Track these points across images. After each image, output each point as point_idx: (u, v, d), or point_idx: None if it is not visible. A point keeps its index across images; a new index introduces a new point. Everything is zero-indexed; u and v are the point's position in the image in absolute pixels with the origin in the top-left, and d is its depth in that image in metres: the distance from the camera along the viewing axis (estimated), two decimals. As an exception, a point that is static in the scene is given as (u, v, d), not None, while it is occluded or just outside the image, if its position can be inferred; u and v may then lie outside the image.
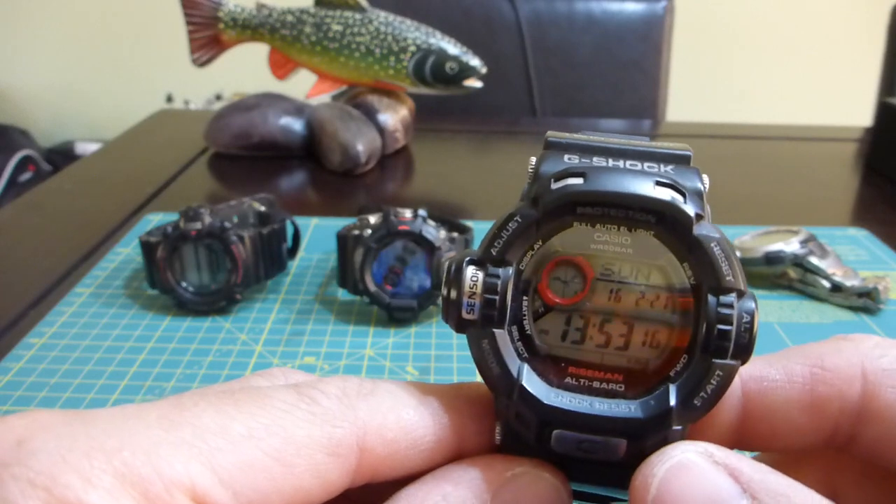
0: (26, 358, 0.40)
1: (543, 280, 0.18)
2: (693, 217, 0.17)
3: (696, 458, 0.15)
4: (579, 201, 0.17)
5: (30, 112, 2.10)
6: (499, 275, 0.17)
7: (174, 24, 0.85)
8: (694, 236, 0.17)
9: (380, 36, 0.71)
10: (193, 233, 0.42)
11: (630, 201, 0.17)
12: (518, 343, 0.18)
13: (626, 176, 0.17)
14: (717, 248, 0.17)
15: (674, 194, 0.17)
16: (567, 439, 0.17)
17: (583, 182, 0.17)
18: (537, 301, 0.18)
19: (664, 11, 1.14)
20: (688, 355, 0.17)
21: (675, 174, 0.17)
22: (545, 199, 0.17)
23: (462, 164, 0.78)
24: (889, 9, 1.07)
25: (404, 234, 0.42)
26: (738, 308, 0.16)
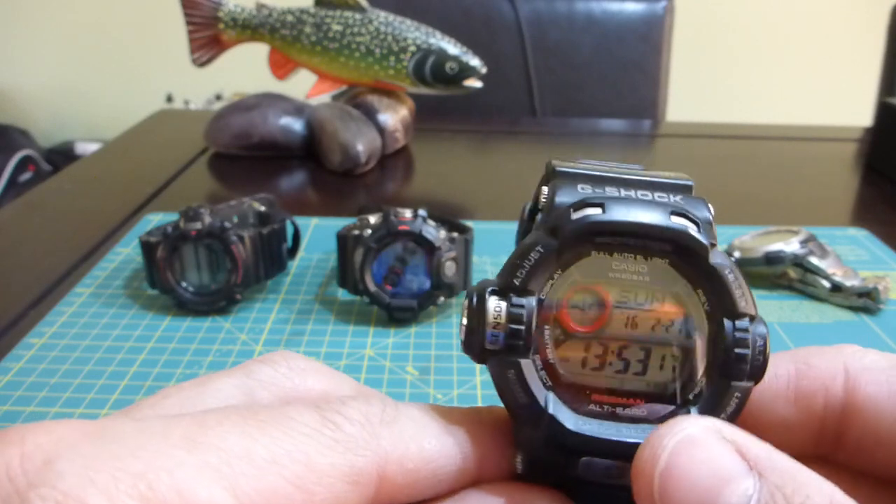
0: (26, 358, 0.40)
1: (563, 308, 0.18)
2: (708, 246, 0.17)
3: (704, 434, 0.15)
4: (598, 231, 0.17)
5: (30, 112, 2.10)
6: (523, 305, 0.17)
7: (174, 24, 0.85)
8: (710, 264, 0.17)
9: (380, 36, 0.71)
10: (193, 233, 0.42)
11: (648, 231, 0.17)
12: (541, 372, 0.18)
13: (641, 206, 0.17)
14: (731, 276, 0.17)
15: (688, 224, 0.17)
16: (594, 466, 0.17)
17: (601, 212, 0.17)
18: (558, 329, 0.18)
19: (664, 11, 1.14)
20: (706, 378, 0.18)
21: (686, 204, 0.18)
22: (566, 229, 0.17)
23: (462, 164, 0.78)
24: (889, 9, 1.07)
25: (404, 234, 0.42)
26: (753, 332, 0.17)
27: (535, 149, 0.85)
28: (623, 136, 0.92)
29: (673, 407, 0.18)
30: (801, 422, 0.18)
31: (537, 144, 0.87)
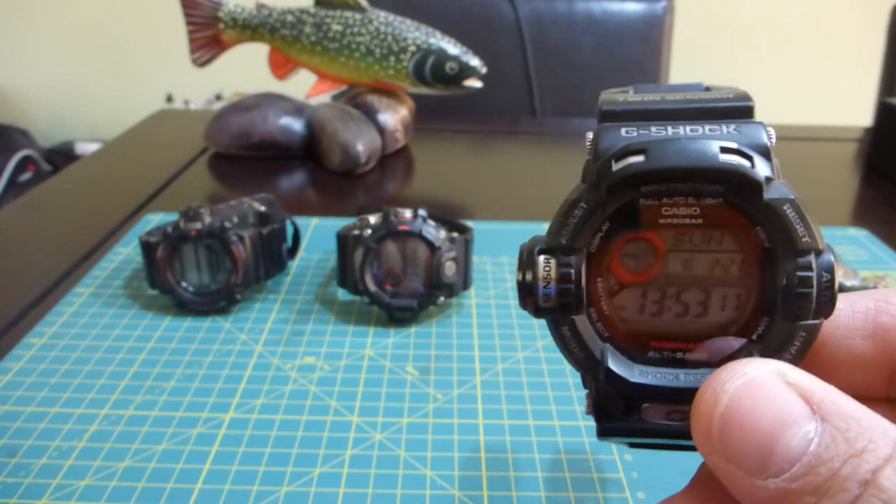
0: (26, 358, 0.40)
1: (615, 259, 0.18)
2: (763, 182, 0.16)
3: (768, 377, 0.14)
4: (643, 180, 0.17)
5: (30, 112, 2.10)
6: (571, 263, 0.17)
7: (174, 24, 0.85)
8: (765, 201, 0.16)
9: (380, 36, 0.71)
10: (193, 233, 0.42)
11: (695, 174, 0.16)
12: (598, 324, 0.18)
13: (688, 146, 0.16)
14: (790, 211, 0.16)
15: (740, 160, 0.16)
16: (657, 410, 0.17)
17: (644, 159, 0.16)
18: (612, 280, 0.18)
19: (664, 11, 1.14)
20: (769, 318, 0.17)
21: (740, 133, 0.17)
22: (608, 180, 0.17)
23: (462, 164, 0.78)
24: (889, 9, 1.07)
25: (404, 234, 0.42)
26: (818, 267, 0.16)
27: (535, 149, 0.85)
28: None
29: (736, 348, 0.17)
30: (877, 359, 0.18)
31: (537, 144, 0.87)
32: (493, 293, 0.48)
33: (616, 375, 0.17)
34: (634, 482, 0.31)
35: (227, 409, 0.36)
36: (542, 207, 0.63)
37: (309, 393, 0.37)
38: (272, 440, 0.34)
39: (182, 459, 0.33)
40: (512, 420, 0.35)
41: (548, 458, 0.33)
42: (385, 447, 0.34)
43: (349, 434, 0.34)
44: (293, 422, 0.35)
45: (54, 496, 0.30)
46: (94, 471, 0.32)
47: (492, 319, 0.44)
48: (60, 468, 0.32)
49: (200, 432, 0.34)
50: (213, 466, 0.32)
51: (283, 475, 0.32)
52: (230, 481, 0.31)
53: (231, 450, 0.33)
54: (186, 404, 0.36)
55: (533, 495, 0.31)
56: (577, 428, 0.35)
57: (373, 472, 0.32)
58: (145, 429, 0.35)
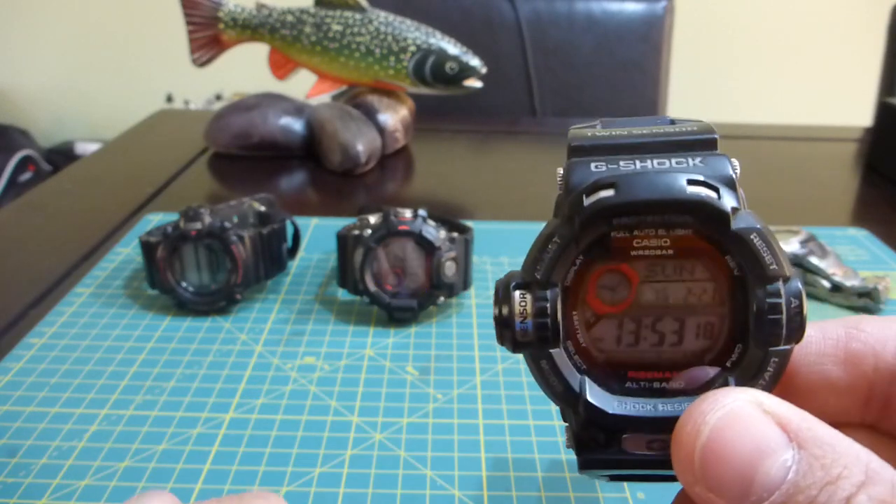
0: (26, 358, 0.40)
1: (590, 291, 0.18)
2: (729, 212, 0.17)
3: (746, 408, 0.15)
4: (614, 213, 0.17)
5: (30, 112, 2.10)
6: (547, 297, 0.18)
7: (174, 24, 0.85)
8: (733, 231, 0.17)
9: (380, 36, 0.71)
10: (193, 233, 0.42)
11: (665, 207, 0.17)
12: (575, 357, 0.18)
13: (656, 179, 0.17)
14: (757, 240, 0.17)
15: (707, 192, 0.17)
16: (637, 441, 0.18)
17: (614, 193, 0.17)
18: (587, 312, 0.18)
19: (664, 11, 1.14)
20: (742, 345, 0.17)
21: (705, 166, 0.17)
22: (580, 215, 0.17)
23: (462, 164, 0.78)
24: (889, 9, 1.07)
25: (404, 234, 0.42)
26: (786, 294, 0.17)
27: (535, 149, 0.85)
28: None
29: (711, 376, 0.18)
30: (848, 385, 0.18)
31: (537, 144, 0.87)
32: (492, 293, 0.47)
33: (595, 407, 0.18)
34: (635, 482, 0.31)
35: (227, 409, 0.36)
36: (542, 207, 0.63)
37: (309, 393, 0.37)
38: (272, 440, 0.34)
39: (182, 459, 0.33)
40: (512, 420, 0.35)
41: (548, 458, 0.33)
42: (385, 447, 0.34)
43: (349, 434, 0.34)
44: (293, 422, 0.35)
45: (54, 496, 0.30)
46: (94, 471, 0.32)
47: (492, 319, 0.44)
48: (60, 468, 0.32)
49: (200, 432, 0.34)
50: (213, 466, 0.32)
51: (283, 475, 0.32)
52: (230, 481, 0.31)
53: (231, 450, 0.33)
54: (186, 404, 0.36)
55: (533, 495, 0.31)
56: (577, 428, 0.35)
57: (373, 472, 0.32)
58: (145, 429, 0.35)
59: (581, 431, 0.18)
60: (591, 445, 0.18)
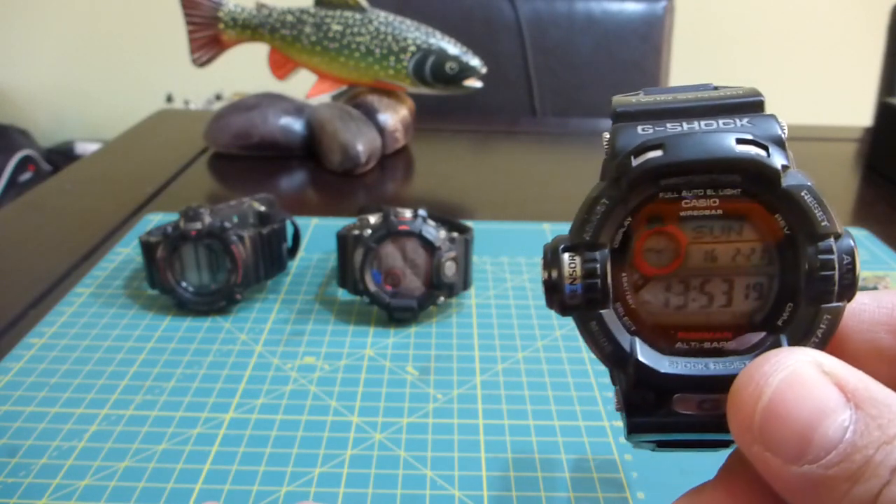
0: (26, 358, 0.40)
1: (638, 254, 0.18)
2: (780, 170, 0.17)
3: (807, 369, 0.15)
4: (662, 174, 0.17)
5: (30, 112, 2.10)
6: (596, 258, 0.18)
7: (174, 24, 0.85)
8: (783, 189, 0.17)
9: (380, 36, 0.71)
10: (193, 233, 0.42)
11: (714, 166, 0.17)
12: (624, 318, 0.18)
13: (704, 139, 0.17)
14: (808, 197, 0.17)
15: (757, 150, 0.17)
16: (688, 401, 0.17)
17: (662, 154, 0.17)
18: (636, 274, 0.18)
19: (664, 11, 1.14)
20: (793, 303, 0.17)
21: (753, 126, 0.17)
22: (628, 176, 0.17)
23: (462, 164, 0.78)
24: (889, 9, 1.07)
25: (404, 234, 0.42)
26: (838, 250, 0.17)
27: (535, 149, 0.85)
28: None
29: (763, 335, 0.18)
30: None
31: (537, 144, 0.87)
32: (493, 293, 0.48)
33: (646, 367, 0.17)
34: (634, 482, 0.31)
35: (227, 409, 0.36)
36: (543, 207, 0.63)
37: (309, 393, 0.37)
38: (272, 440, 0.34)
39: (182, 459, 0.33)
40: (512, 420, 0.35)
41: (548, 458, 0.33)
42: (385, 447, 0.34)
43: (349, 434, 0.34)
44: (293, 422, 0.35)
45: (54, 496, 0.30)
46: (94, 471, 0.32)
47: (492, 319, 0.44)
48: (60, 468, 0.32)
49: (200, 432, 0.34)
50: (213, 466, 0.32)
51: (283, 475, 0.32)
52: (230, 481, 0.31)
53: (231, 450, 0.33)
54: (186, 404, 0.36)
55: (533, 495, 0.31)
56: (577, 428, 0.35)
57: (373, 472, 0.32)
58: (145, 429, 0.35)
59: (631, 392, 0.18)
60: (642, 407, 0.18)
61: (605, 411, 0.36)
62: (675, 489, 0.32)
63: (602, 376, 0.39)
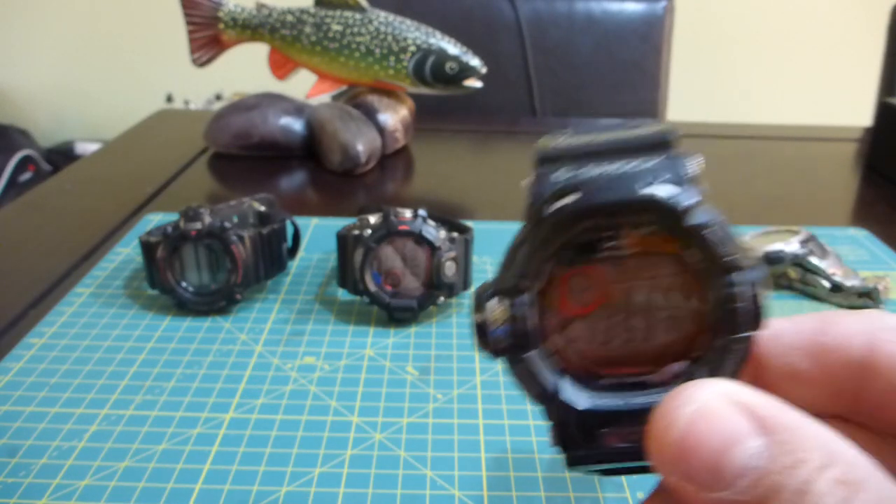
0: (26, 358, 0.40)
1: (562, 295, 0.19)
2: (686, 208, 0.17)
3: (716, 400, 0.16)
4: (578, 217, 0.18)
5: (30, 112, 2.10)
6: (520, 302, 0.18)
7: (174, 24, 0.85)
8: (689, 226, 0.18)
9: (380, 36, 0.71)
10: (193, 233, 0.42)
11: (623, 208, 0.18)
12: (552, 358, 0.19)
13: (615, 181, 0.18)
14: (713, 232, 0.18)
15: (666, 189, 0.18)
16: (615, 434, 0.18)
17: (578, 197, 0.18)
18: (560, 315, 0.19)
19: (664, 11, 1.14)
20: (707, 336, 0.18)
21: (664, 165, 0.18)
22: (546, 221, 0.18)
23: (462, 164, 0.78)
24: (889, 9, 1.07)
25: (404, 234, 0.42)
26: (743, 282, 0.18)
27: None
28: (623, 136, 0.92)
29: (683, 366, 0.19)
30: (818, 378, 0.18)
31: (537, 144, 0.86)
32: (493, 293, 0.48)
33: (568, 406, 0.18)
34: (634, 482, 0.31)
35: (227, 409, 0.36)
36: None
37: (309, 393, 0.37)
38: (272, 440, 0.34)
39: (182, 459, 0.33)
40: (512, 420, 0.35)
41: (547, 458, 0.33)
42: (385, 447, 0.34)
43: (349, 434, 0.34)
44: (293, 422, 0.35)
45: (54, 496, 0.30)
46: (94, 471, 0.32)
47: (492, 319, 0.44)
48: (60, 468, 0.32)
49: (200, 432, 0.34)
50: (213, 466, 0.32)
51: (283, 475, 0.32)
52: (230, 481, 0.31)
53: (231, 450, 0.33)
54: (186, 404, 0.36)
55: (533, 495, 0.31)
56: (577, 428, 0.35)
57: (373, 472, 0.32)
58: (145, 429, 0.35)
59: (561, 430, 0.19)
60: (575, 441, 0.18)
61: (605, 411, 0.36)
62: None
63: (602, 376, 0.39)
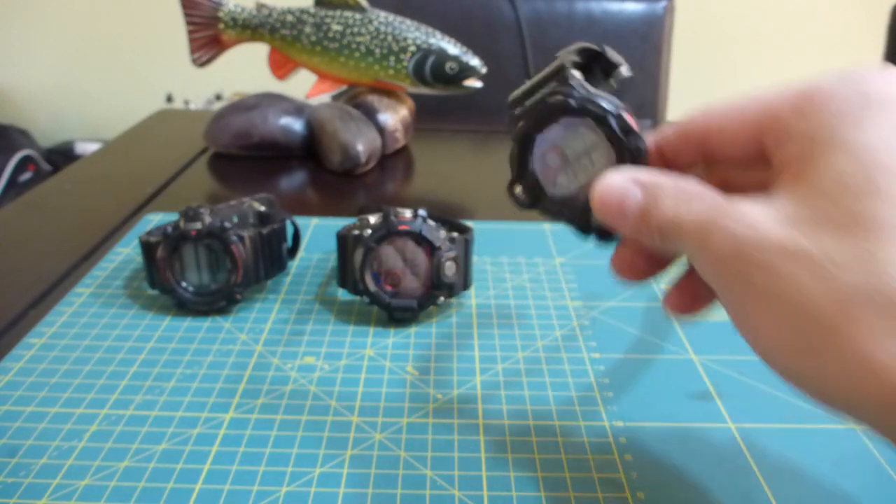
0: (26, 358, 0.40)
1: (542, 168, 0.32)
2: (576, 100, 0.29)
3: (617, 178, 0.27)
4: (532, 126, 0.30)
5: (30, 112, 2.10)
6: (525, 179, 0.33)
7: (174, 24, 0.85)
8: (585, 110, 0.29)
9: (380, 36, 0.71)
10: (193, 233, 0.42)
11: (551, 109, 0.30)
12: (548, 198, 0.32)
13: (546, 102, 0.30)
14: (596, 109, 0.29)
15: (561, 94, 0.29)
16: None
17: (536, 114, 0.30)
18: (543, 175, 0.32)
19: (664, 11, 1.14)
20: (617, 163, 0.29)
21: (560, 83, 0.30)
22: (518, 133, 0.31)
23: (462, 164, 0.78)
24: (889, 9, 1.07)
25: (404, 233, 0.42)
26: (617, 126, 0.29)
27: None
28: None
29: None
30: (688, 153, 0.28)
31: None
32: (493, 293, 0.48)
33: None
34: (634, 482, 0.31)
35: (227, 409, 0.36)
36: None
37: (309, 393, 0.37)
38: (272, 440, 0.34)
39: (182, 459, 0.33)
40: (512, 420, 0.35)
41: (548, 458, 0.33)
42: (385, 447, 0.34)
43: (349, 434, 0.34)
44: (293, 422, 0.35)
45: (54, 496, 0.30)
46: (94, 471, 0.32)
47: (492, 319, 0.44)
48: (60, 468, 0.32)
49: (200, 432, 0.34)
50: (213, 466, 0.32)
51: (283, 475, 0.32)
52: (230, 481, 0.31)
53: (231, 450, 0.33)
54: (186, 404, 0.36)
55: (533, 495, 0.31)
56: (578, 428, 0.35)
57: (373, 472, 0.32)
58: (145, 429, 0.35)
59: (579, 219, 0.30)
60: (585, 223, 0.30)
61: (605, 411, 0.36)
62: (675, 489, 0.32)
63: (602, 376, 0.39)
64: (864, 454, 0.33)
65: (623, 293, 0.47)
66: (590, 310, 0.45)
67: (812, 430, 0.35)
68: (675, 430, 0.35)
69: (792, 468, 0.32)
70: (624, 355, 0.41)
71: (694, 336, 0.43)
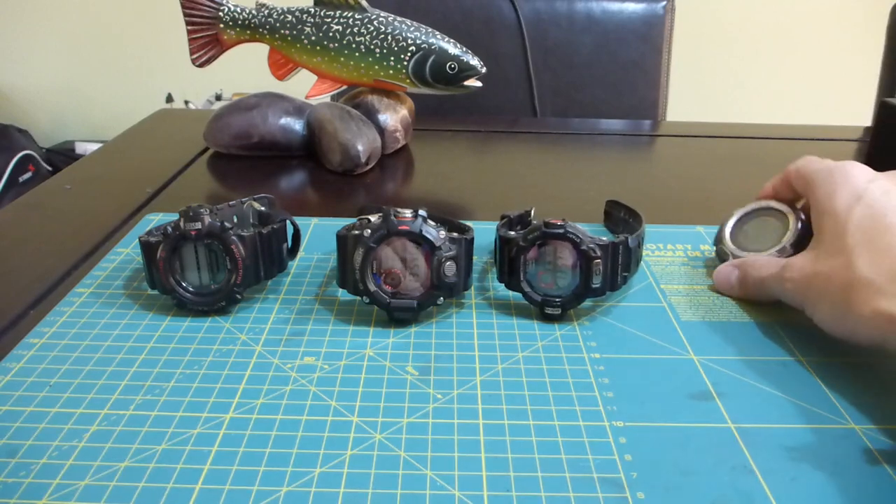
0: (26, 358, 0.40)
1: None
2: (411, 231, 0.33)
3: (723, 266, 0.49)
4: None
5: (30, 112, 2.10)
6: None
7: (174, 24, 0.85)
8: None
9: (380, 36, 0.71)
10: (193, 233, 0.42)
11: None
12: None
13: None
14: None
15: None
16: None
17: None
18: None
19: (664, 11, 1.14)
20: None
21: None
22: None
23: (462, 164, 0.78)
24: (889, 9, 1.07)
25: (404, 234, 0.42)
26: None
27: (535, 149, 0.85)
28: (623, 136, 0.92)
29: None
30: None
31: (537, 144, 0.87)
32: (492, 293, 0.48)
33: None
34: (634, 482, 0.31)
35: (227, 409, 0.36)
36: (542, 207, 0.63)
37: (309, 393, 0.37)
38: (272, 440, 0.34)
39: (182, 459, 0.33)
40: (512, 420, 0.35)
41: (548, 458, 0.33)
42: (385, 447, 0.34)
43: (349, 434, 0.34)
44: (293, 422, 0.35)
45: (54, 496, 0.30)
46: (94, 471, 0.32)
47: (492, 319, 0.44)
48: (60, 468, 0.32)
49: (200, 432, 0.34)
50: (213, 466, 0.32)
51: (283, 475, 0.32)
52: (230, 481, 0.31)
53: (231, 450, 0.33)
54: (186, 404, 0.36)
55: (533, 495, 0.31)
56: (577, 428, 0.35)
57: (373, 472, 0.32)
58: (145, 429, 0.35)
59: None
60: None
61: (605, 411, 0.36)
62: (676, 489, 0.32)
63: (601, 376, 0.39)
64: (864, 454, 0.33)
65: (623, 293, 0.47)
66: (590, 310, 0.45)
67: (812, 429, 0.35)
68: (675, 430, 0.35)
69: (792, 468, 0.32)
70: (624, 355, 0.41)
71: (694, 336, 0.43)
